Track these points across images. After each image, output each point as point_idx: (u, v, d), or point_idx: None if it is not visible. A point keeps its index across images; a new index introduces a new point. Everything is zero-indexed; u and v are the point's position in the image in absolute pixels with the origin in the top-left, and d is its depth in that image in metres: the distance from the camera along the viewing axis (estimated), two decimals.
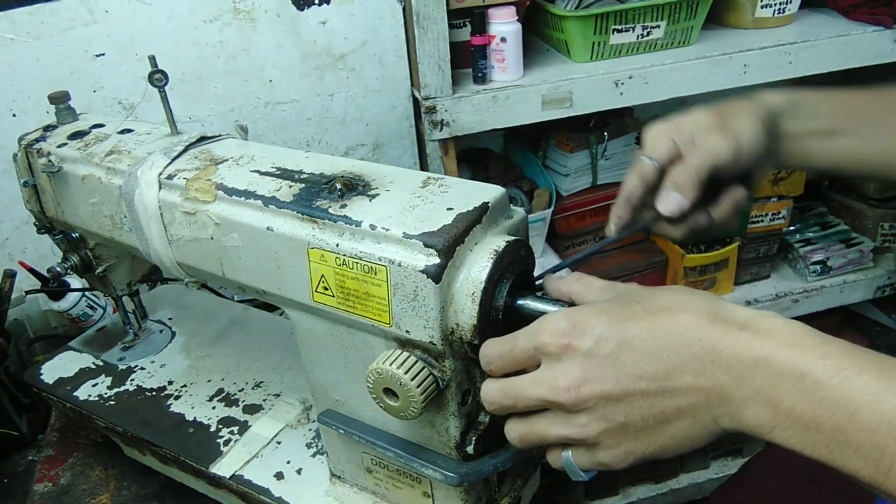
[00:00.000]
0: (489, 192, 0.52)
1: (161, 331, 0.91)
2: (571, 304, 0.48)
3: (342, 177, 0.56)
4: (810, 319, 1.36)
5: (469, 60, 1.01)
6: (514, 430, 0.45)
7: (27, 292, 1.06)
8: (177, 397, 0.79)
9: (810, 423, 0.35)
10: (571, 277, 0.49)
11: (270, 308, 0.93)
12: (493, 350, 0.45)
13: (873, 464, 0.33)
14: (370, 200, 0.53)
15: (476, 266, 0.47)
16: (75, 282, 1.04)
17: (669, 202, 0.56)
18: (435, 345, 0.48)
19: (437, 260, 0.46)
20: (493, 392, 0.45)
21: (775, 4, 1.11)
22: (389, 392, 0.49)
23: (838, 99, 0.62)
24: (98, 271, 0.81)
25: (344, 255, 0.50)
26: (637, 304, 0.41)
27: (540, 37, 1.19)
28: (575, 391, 0.40)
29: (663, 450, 0.41)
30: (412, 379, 0.47)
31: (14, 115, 1.06)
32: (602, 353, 0.40)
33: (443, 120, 0.99)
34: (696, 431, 0.40)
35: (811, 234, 1.34)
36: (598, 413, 0.40)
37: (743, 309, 0.40)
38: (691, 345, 0.38)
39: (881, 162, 0.62)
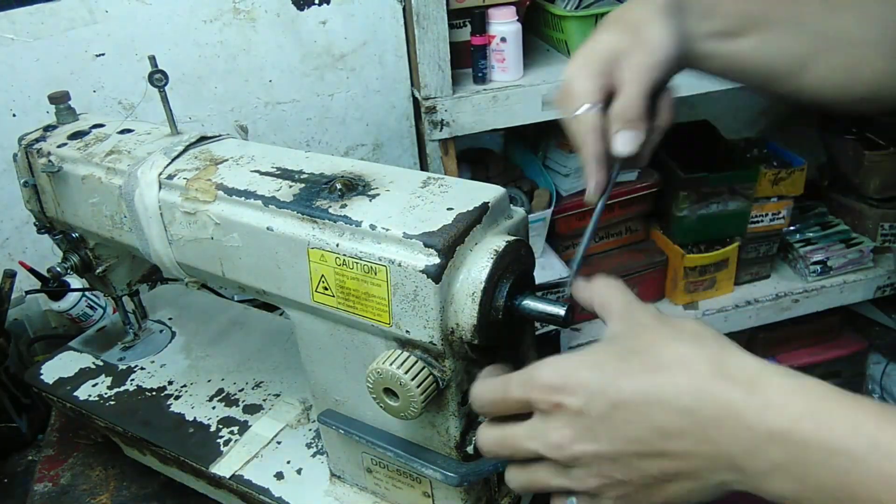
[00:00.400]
0: (489, 192, 0.52)
1: (161, 331, 0.91)
2: (573, 305, 0.48)
3: (342, 177, 0.56)
4: (810, 319, 1.36)
5: (469, 60, 1.01)
6: (515, 480, 0.43)
7: (27, 292, 1.06)
8: (177, 397, 0.79)
9: (844, 497, 0.32)
10: (602, 284, 0.46)
11: (270, 308, 0.93)
12: (485, 397, 0.44)
13: None
14: (370, 200, 0.53)
15: (476, 266, 0.47)
16: (75, 282, 1.04)
17: (627, 142, 0.51)
18: (435, 345, 0.48)
19: (437, 260, 0.46)
20: (489, 441, 0.44)
21: None
22: (389, 392, 0.49)
23: None
24: (98, 271, 0.81)
25: (344, 255, 0.50)
26: (635, 357, 0.39)
27: (540, 37, 1.19)
28: (568, 449, 0.39)
29: (667, 502, 0.39)
30: (412, 379, 0.47)
31: (14, 115, 1.06)
32: (593, 413, 0.38)
33: (443, 120, 0.99)
34: (699, 491, 0.37)
35: (811, 234, 1.34)
36: (594, 469, 0.39)
37: (751, 361, 0.37)
38: (691, 411, 0.36)
39: (776, 67, 0.55)
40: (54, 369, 0.86)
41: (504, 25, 0.99)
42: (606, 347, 0.41)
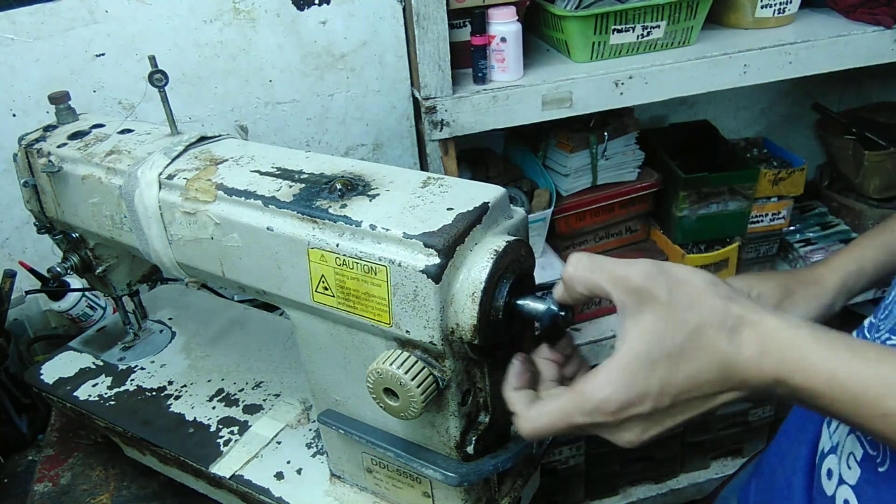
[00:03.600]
0: (489, 192, 0.52)
1: (161, 331, 0.91)
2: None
3: (342, 177, 0.56)
4: None
5: (469, 60, 1.01)
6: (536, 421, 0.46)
7: (27, 292, 1.06)
8: (177, 397, 0.79)
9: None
10: (583, 263, 0.44)
11: (270, 308, 0.93)
12: (545, 430, 0.45)
13: None
14: (370, 200, 0.53)
15: (476, 266, 0.47)
16: (75, 282, 1.04)
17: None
18: (435, 345, 0.48)
19: (437, 260, 0.46)
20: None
21: (775, 4, 1.11)
22: (389, 392, 0.49)
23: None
24: (98, 271, 0.81)
25: (344, 255, 0.50)
26: (666, 360, 0.42)
27: (540, 37, 1.19)
28: (637, 440, 0.44)
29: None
30: (412, 379, 0.47)
31: (14, 115, 1.06)
32: (659, 410, 0.43)
33: (443, 120, 0.99)
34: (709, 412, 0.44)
35: (811, 234, 1.34)
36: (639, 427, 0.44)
37: (772, 336, 0.41)
38: (723, 381, 0.42)
39: None
40: (54, 369, 0.86)
41: (504, 25, 0.99)
42: (649, 350, 0.42)
